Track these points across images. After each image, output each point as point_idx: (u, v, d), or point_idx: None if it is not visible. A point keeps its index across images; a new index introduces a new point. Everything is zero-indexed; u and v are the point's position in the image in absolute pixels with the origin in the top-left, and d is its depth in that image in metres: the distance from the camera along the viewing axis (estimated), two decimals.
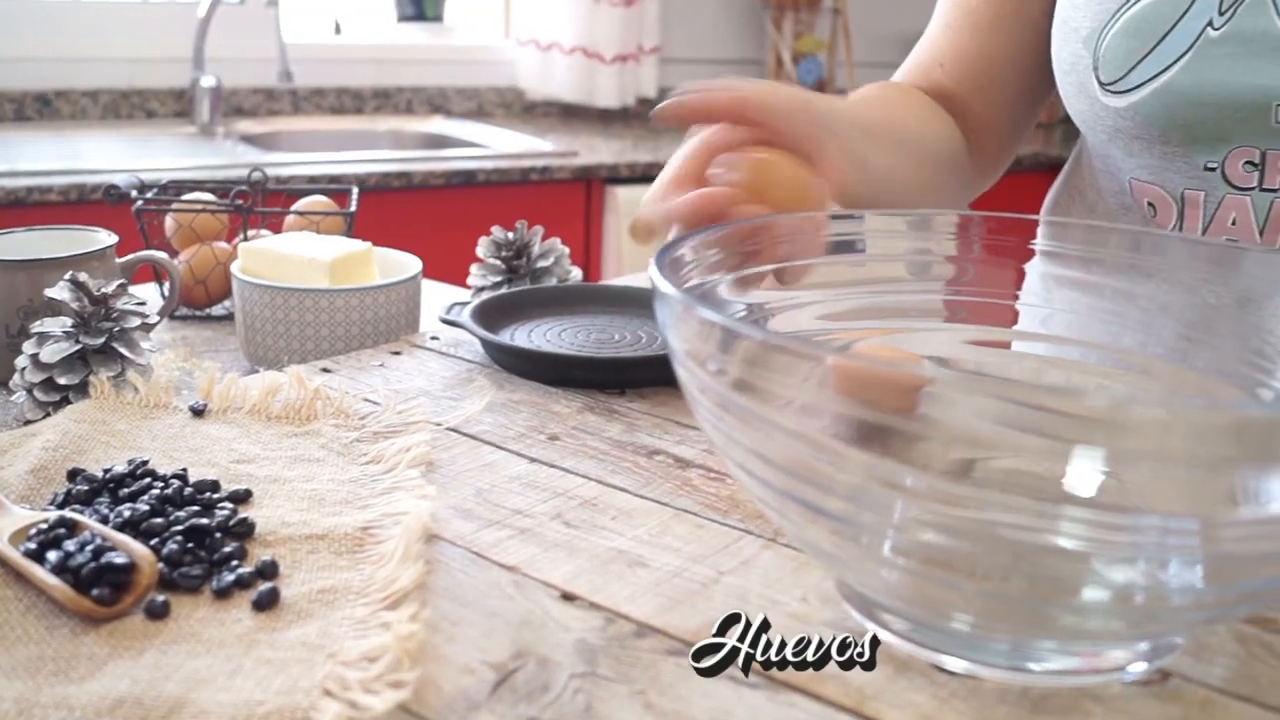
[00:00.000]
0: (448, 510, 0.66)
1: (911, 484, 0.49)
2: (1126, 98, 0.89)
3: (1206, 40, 0.84)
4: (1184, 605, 0.50)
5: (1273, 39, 0.82)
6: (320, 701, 0.48)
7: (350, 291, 0.94)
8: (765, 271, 0.72)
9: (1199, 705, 0.51)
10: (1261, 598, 0.52)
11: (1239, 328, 0.66)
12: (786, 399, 0.48)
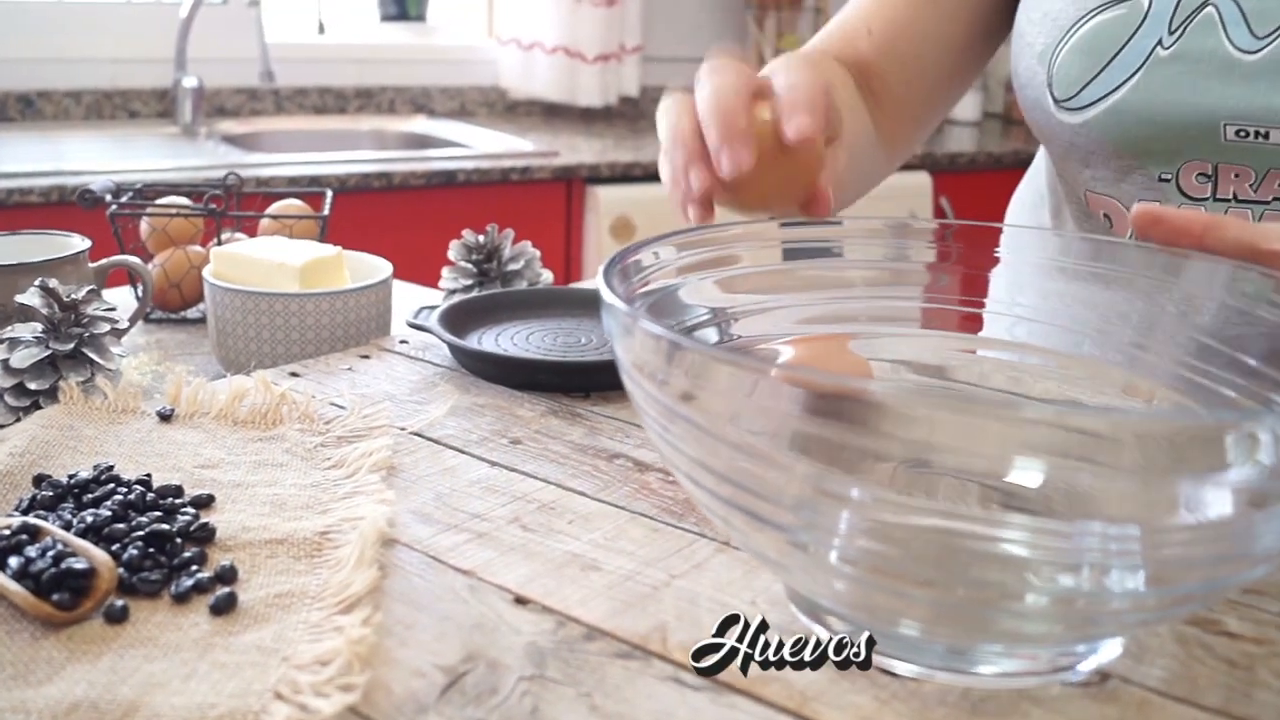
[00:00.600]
0: (407, 514, 0.67)
1: (857, 495, 0.50)
2: (1080, 115, 0.90)
3: (1156, 60, 0.86)
4: (1125, 609, 0.51)
5: (1221, 59, 0.84)
6: (271, 704, 0.49)
7: (320, 296, 0.95)
8: (733, 275, 0.73)
9: (1136, 707, 0.52)
10: (1200, 599, 0.53)
11: (1182, 332, 0.68)
12: (730, 411, 0.49)
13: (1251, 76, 0.83)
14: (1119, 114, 0.88)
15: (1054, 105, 0.92)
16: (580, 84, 3.09)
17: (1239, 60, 0.83)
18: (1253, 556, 0.50)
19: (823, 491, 0.50)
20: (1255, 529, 0.48)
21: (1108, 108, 0.89)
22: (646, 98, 3.33)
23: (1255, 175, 0.86)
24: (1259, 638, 0.58)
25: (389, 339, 0.98)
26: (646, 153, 2.65)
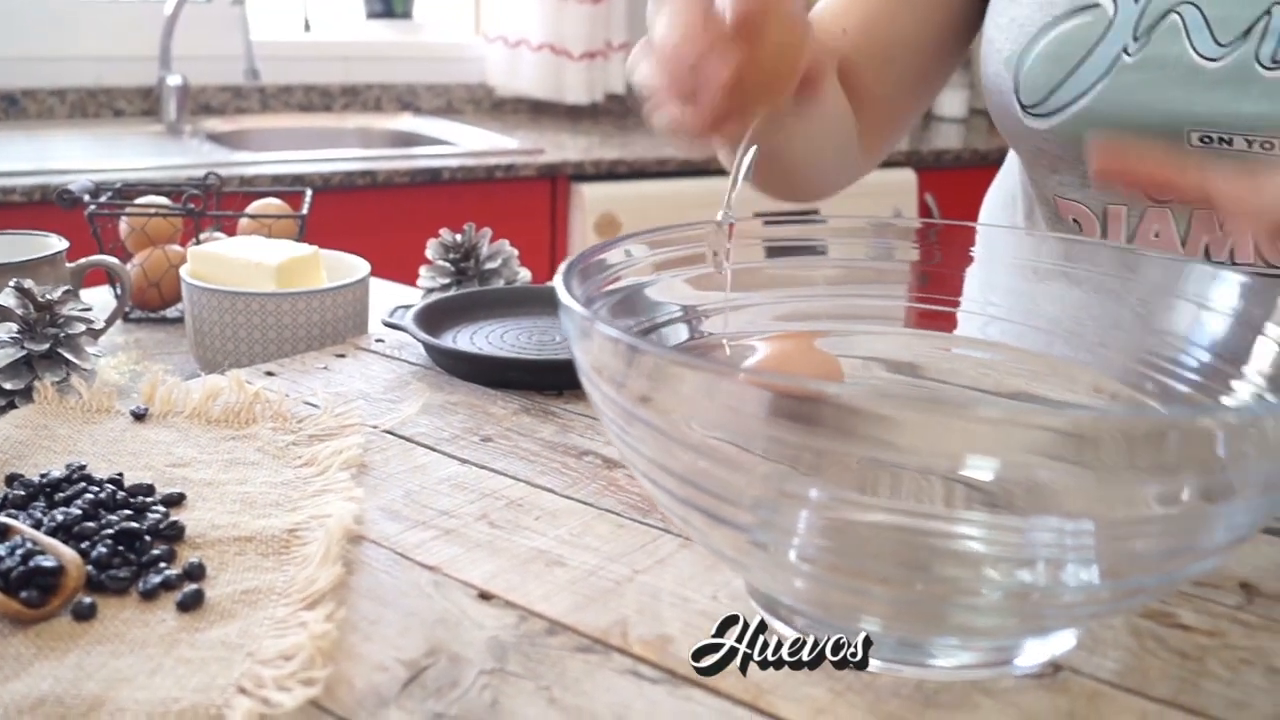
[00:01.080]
0: (376, 511, 0.68)
1: (815, 495, 0.51)
2: (1047, 121, 0.91)
3: (1122, 66, 0.86)
4: (1079, 601, 0.52)
5: (1185, 65, 0.84)
6: (234, 699, 0.50)
7: (297, 295, 0.96)
8: (708, 273, 0.73)
9: (1087, 698, 0.53)
10: (1153, 591, 0.54)
11: (1142, 331, 0.68)
12: (688, 413, 0.50)
13: (1215, 83, 0.84)
14: (1085, 120, 0.89)
15: (1021, 111, 0.93)
16: (566, 81, 3.10)
17: (1203, 67, 0.84)
18: (1204, 549, 0.51)
19: (781, 492, 0.51)
20: (1207, 523, 0.49)
21: (1074, 114, 0.89)
22: (633, 95, 3.33)
23: None
24: (1212, 630, 0.59)
25: (365, 338, 0.99)
26: (632, 150, 2.65)
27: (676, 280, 0.72)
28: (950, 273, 0.76)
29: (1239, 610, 0.61)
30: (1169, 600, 0.61)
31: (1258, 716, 0.52)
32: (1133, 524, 0.50)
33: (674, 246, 0.72)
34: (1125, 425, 0.50)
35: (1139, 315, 0.70)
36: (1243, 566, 0.65)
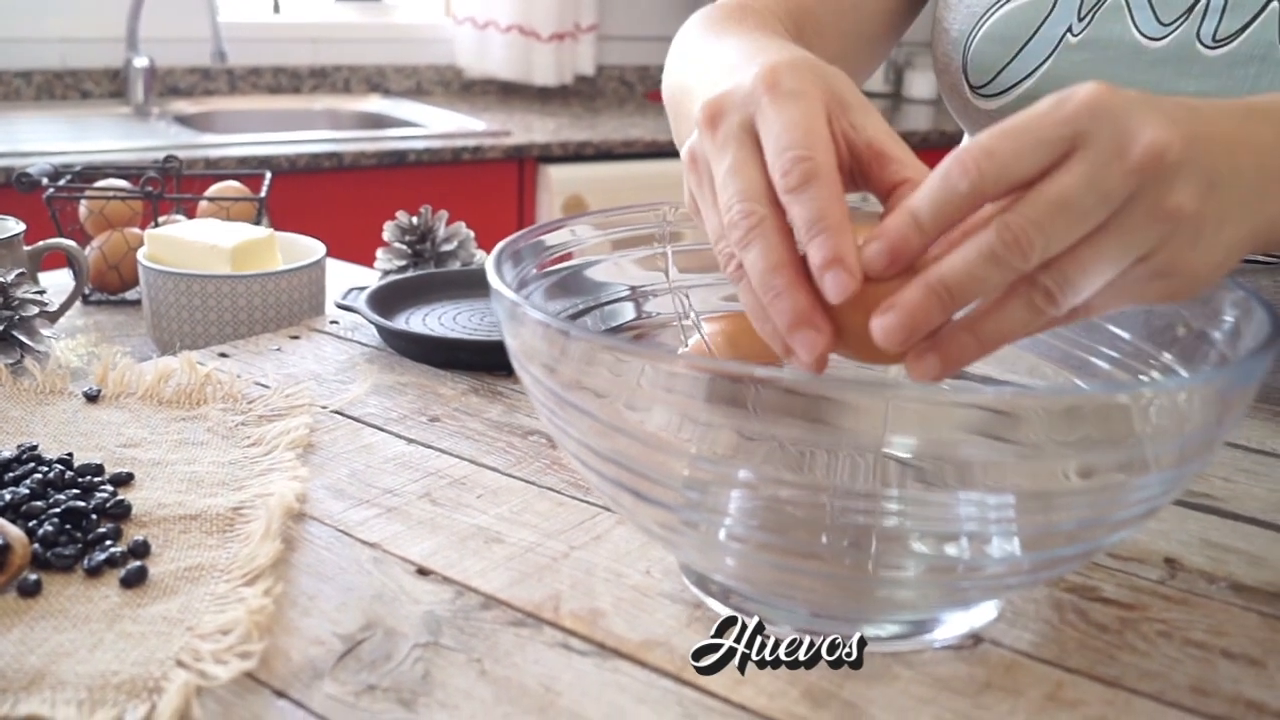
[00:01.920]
0: (321, 490, 0.69)
1: (743, 476, 0.53)
2: (995, 101, 0.93)
3: (1066, 46, 0.88)
4: (1000, 574, 0.54)
5: (1129, 46, 0.86)
6: (172, 671, 0.51)
7: (251, 278, 0.97)
8: (660, 252, 0.75)
9: (1003, 668, 0.55)
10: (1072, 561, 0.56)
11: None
12: (615, 397, 0.51)
13: (1157, 63, 0.86)
14: (1030, 100, 0.91)
15: (970, 91, 0.94)
16: (535, 63, 3.10)
17: (1145, 47, 0.86)
18: (1121, 520, 0.53)
19: (710, 473, 0.52)
20: (1124, 495, 0.51)
21: (1020, 94, 0.91)
22: (603, 76, 3.35)
23: None
24: (1132, 603, 0.60)
25: (320, 319, 1.00)
26: (599, 131, 2.66)
27: (625, 260, 0.74)
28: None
29: (1161, 584, 0.62)
30: (1092, 574, 0.63)
31: (1169, 687, 0.54)
32: (1053, 497, 0.51)
33: (622, 228, 0.73)
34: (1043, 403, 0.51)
35: None
36: (1168, 542, 0.67)
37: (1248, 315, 0.57)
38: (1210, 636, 0.58)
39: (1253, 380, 0.51)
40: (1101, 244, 0.49)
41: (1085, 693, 0.53)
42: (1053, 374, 0.68)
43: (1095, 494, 0.51)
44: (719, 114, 0.56)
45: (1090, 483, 0.51)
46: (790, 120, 0.53)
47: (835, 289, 0.50)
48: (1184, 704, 0.52)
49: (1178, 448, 0.50)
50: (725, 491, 0.54)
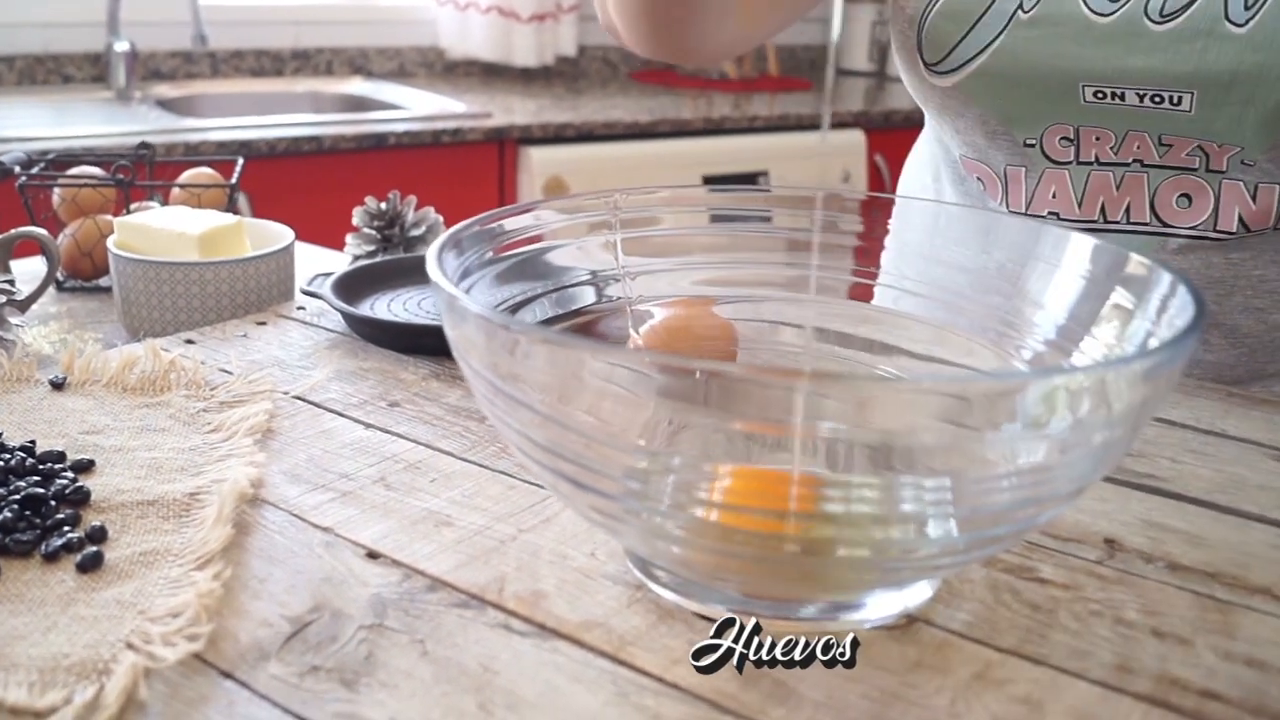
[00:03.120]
0: (278, 475, 0.70)
1: (678, 464, 0.54)
2: (949, 78, 0.94)
3: (1018, 23, 0.90)
4: (935, 554, 0.55)
5: (1079, 22, 0.88)
6: (121, 653, 0.52)
7: (220, 264, 0.98)
8: (631, 238, 0.76)
9: (935, 647, 0.56)
10: (1005, 540, 0.58)
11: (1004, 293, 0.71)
12: (552, 388, 0.53)
13: (1106, 39, 0.87)
14: (983, 77, 0.92)
15: (925, 69, 0.96)
16: (516, 44, 3.11)
17: (1094, 22, 0.87)
18: (1054, 498, 0.54)
19: (650, 463, 0.54)
20: (1056, 474, 0.53)
21: (973, 71, 0.93)
22: (585, 57, 3.35)
23: (1115, 137, 0.91)
24: (1067, 583, 0.62)
25: (287, 305, 1.01)
26: (581, 113, 2.67)
27: (591, 244, 0.75)
28: (870, 244, 0.78)
29: (1098, 564, 0.64)
30: (1031, 554, 0.64)
31: (1096, 665, 0.55)
32: (988, 479, 0.53)
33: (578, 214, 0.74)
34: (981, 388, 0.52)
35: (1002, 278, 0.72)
36: (1110, 522, 0.68)
37: (1174, 296, 0.59)
38: (1142, 616, 0.59)
39: (1176, 364, 0.53)
40: None
41: (1013, 671, 0.54)
42: (987, 355, 0.70)
43: (1029, 475, 0.53)
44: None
45: (1025, 464, 0.53)
46: None
47: None
48: (1109, 682, 0.54)
49: (1105, 429, 0.52)
50: (665, 480, 0.55)
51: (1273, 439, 0.80)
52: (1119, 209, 0.93)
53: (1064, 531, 0.67)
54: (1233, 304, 0.94)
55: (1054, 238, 0.69)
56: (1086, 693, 0.53)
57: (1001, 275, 0.71)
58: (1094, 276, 0.66)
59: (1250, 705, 0.53)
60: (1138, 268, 0.63)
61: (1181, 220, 0.92)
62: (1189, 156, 0.89)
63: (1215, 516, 0.70)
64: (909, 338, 0.77)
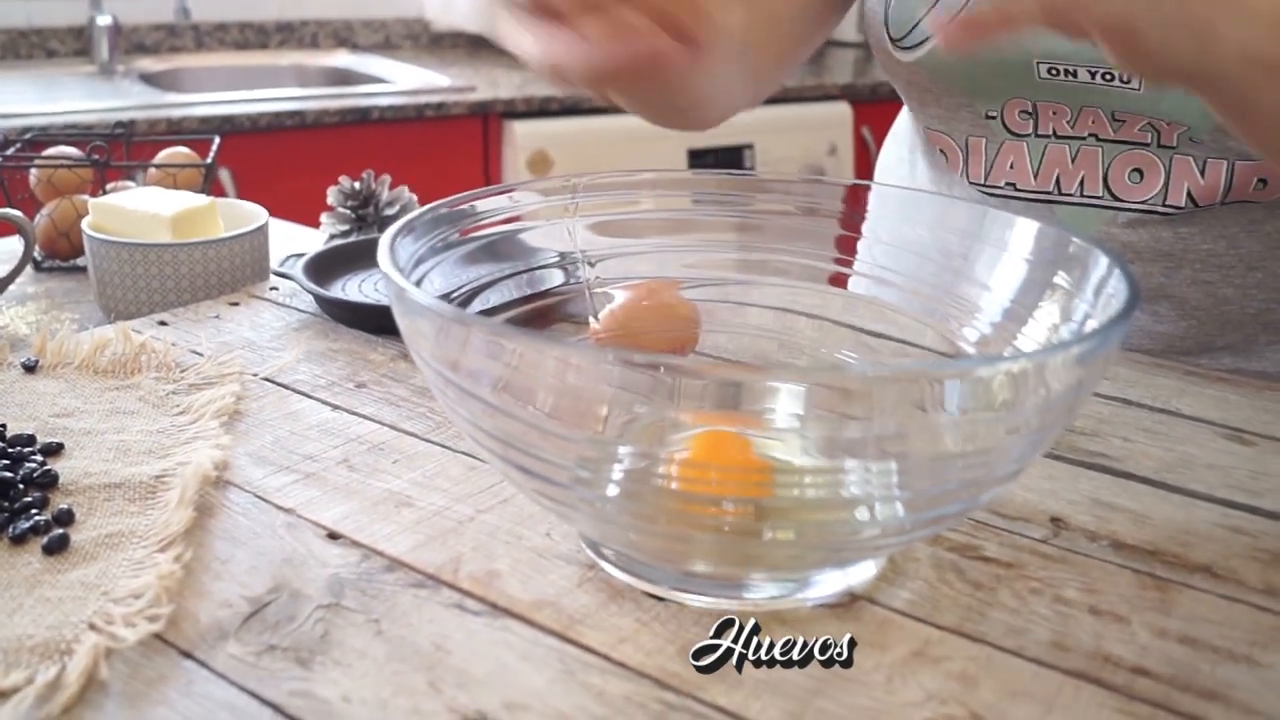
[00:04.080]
0: (244, 457, 0.72)
1: (625, 453, 0.56)
2: (912, 53, 0.96)
3: (977, 0, 0.91)
4: (880, 534, 0.57)
5: None
6: (84, 634, 0.54)
7: (193, 245, 1.00)
8: (606, 220, 0.77)
9: (876, 625, 0.58)
10: (949, 520, 0.59)
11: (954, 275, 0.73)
12: (498, 379, 0.54)
13: None
14: (944, 52, 0.94)
15: (891, 44, 0.98)
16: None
17: None
18: (995, 479, 0.56)
19: (598, 451, 0.55)
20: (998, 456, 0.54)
21: (935, 46, 0.94)
22: None
23: (1070, 112, 0.92)
24: (1011, 562, 0.64)
25: (260, 286, 1.03)
26: None
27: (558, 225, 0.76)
28: (851, 230, 0.79)
29: (1043, 543, 0.66)
30: (978, 533, 0.66)
31: (1032, 642, 0.57)
32: (934, 463, 0.54)
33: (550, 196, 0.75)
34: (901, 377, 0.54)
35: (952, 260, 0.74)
36: (1057, 501, 0.70)
37: (1110, 277, 0.61)
38: (1081, 594, 0.61)
39: (1110, 346, 0.55)
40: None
41: (951, 649, 0.56)
42: (937, 337, 0.71)
43: (973, 458, 0.55)
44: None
45: (970, 447, 0.54)
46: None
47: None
48: (1043, 659, 0.56)
49: (1042, 412, 0.53)
50: (613, 467, 0.56)
51: (1224, 418, 0.82)
52: (1073, 181, 0.95)
53: (1012, 510, 0.69)
54: (1181, 277, 0.96)
55: (1001, 221, 0.70)
56: (1020, 669, 0.55)
57: (951, 257, 0.73)
58: (1038, 259, 0.68)
59: (1179, 682, 0.54)
60: (1078, 250, 0.65)
61: (1132, 195, 0.93)
62: (1141, 132, 0.91)
63: (1162, 495, 0.71)
64: (863, 319, 0.78)
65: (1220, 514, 0.69)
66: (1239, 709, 0.53)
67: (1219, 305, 0.96)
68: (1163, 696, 0.53)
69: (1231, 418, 0.82)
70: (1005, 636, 0.57)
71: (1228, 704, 0.53)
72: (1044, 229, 0.68)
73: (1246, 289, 0.95)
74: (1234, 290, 0.95)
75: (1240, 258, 0.93)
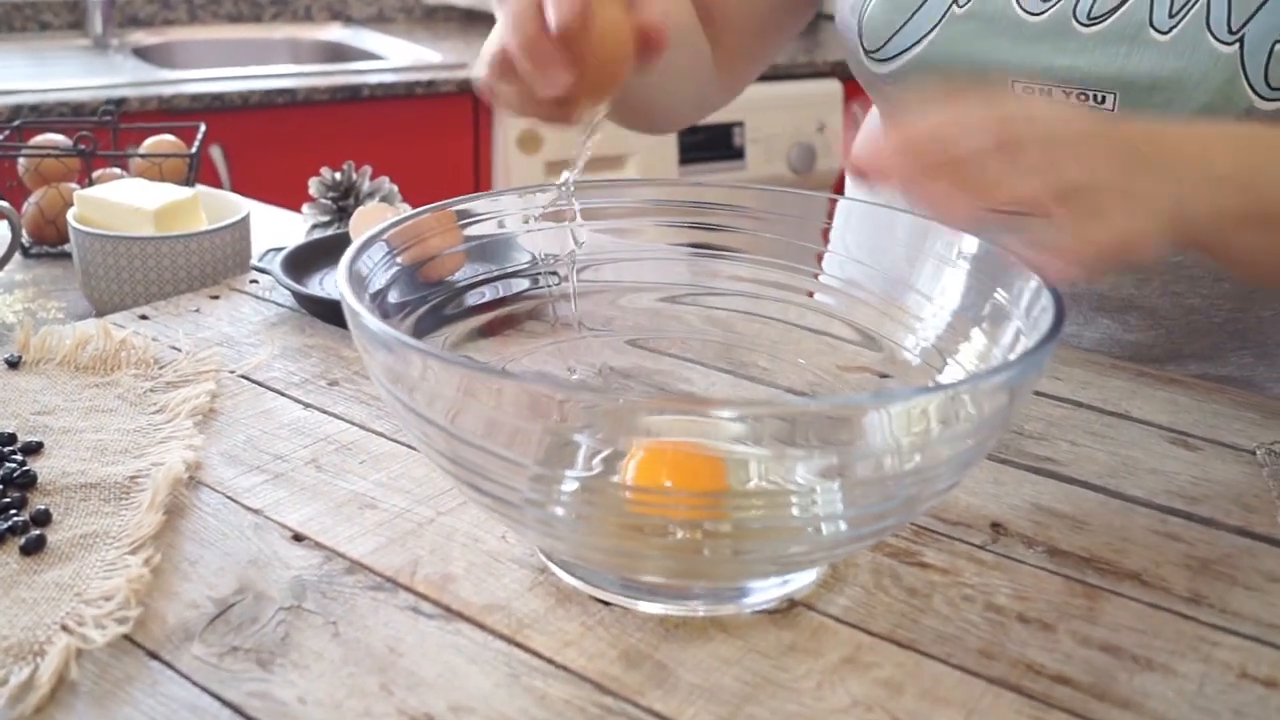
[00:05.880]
0: (217, 457, 0.75)
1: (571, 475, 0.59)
2: (887, 65, 0.98)
3: (952, 17, 0.93)
4: (823, 549, 0.60)
5: (1010, 19, 0.91)
6: (56, 635, 0.57)
7: (175, 239, 1.02)
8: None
9: (810, 631, 0.61)
10: (880, 534, 0.62)
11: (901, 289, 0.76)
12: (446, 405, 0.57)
13: (1035, 37, 0.91)
14: (919, 67, 0.96)
15: (865, 55, 1.00)
16: None
17: (1025, 21, 0.91)
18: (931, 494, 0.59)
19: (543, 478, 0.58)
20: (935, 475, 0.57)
21: (909, 60, 0.96)
22: None
23: None
24: (947, 568, 0.66)
25: (241, 278, 1.05)
26: None
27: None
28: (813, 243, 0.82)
29: (981, 549, 0.68)
30: (918, 539, 0.69)
31: (959, 650, 0.60)
32: (876, 484, 0.57)
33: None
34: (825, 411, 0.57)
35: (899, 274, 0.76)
36: (999, 506, 0.73)
37: (1039, 298, 0.64)
38: (1011, 601, 0.64)
39: (1037, 370, 0.57)
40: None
41: (881, 655, 0.59)
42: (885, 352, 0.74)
43: (910, 477, 0.57)
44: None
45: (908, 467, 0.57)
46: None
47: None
48: (968, 666, 0.59)
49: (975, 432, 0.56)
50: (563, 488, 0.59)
51: (1173, 421, 0.85)
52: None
53: (954, 515, 0.71)
54: (1151, 288, 0.98)
55: (945, 237, 0.73)
56: (945, 676, 0.58)
57: (898, 271, 0.75)
58: (978, 275, 0.70)
59: (1097, 690, 0.57)
60: (1015, 266, 0.67)
61: None
62: None
63: (1102, 500, 0.74)
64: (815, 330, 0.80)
65: (1158, 520, 0.72)
66: (1150, 717, 0.56)
67: (1187, 315, 0.98)
68: (1080, 705, 0.56)
69: (1180, 421, 0.84)
70: (934, 644, 0.60)
71: (1140, 712, 0.56)
72: (986, 245, 0.70)
73: (1214, 299, 0.97)
74: (1202, 300, 0.97)
75: (1208, 269, 0.95)
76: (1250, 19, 0.82)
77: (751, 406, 0.58)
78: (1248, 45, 0.82)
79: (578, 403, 0.54)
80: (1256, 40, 0.82)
